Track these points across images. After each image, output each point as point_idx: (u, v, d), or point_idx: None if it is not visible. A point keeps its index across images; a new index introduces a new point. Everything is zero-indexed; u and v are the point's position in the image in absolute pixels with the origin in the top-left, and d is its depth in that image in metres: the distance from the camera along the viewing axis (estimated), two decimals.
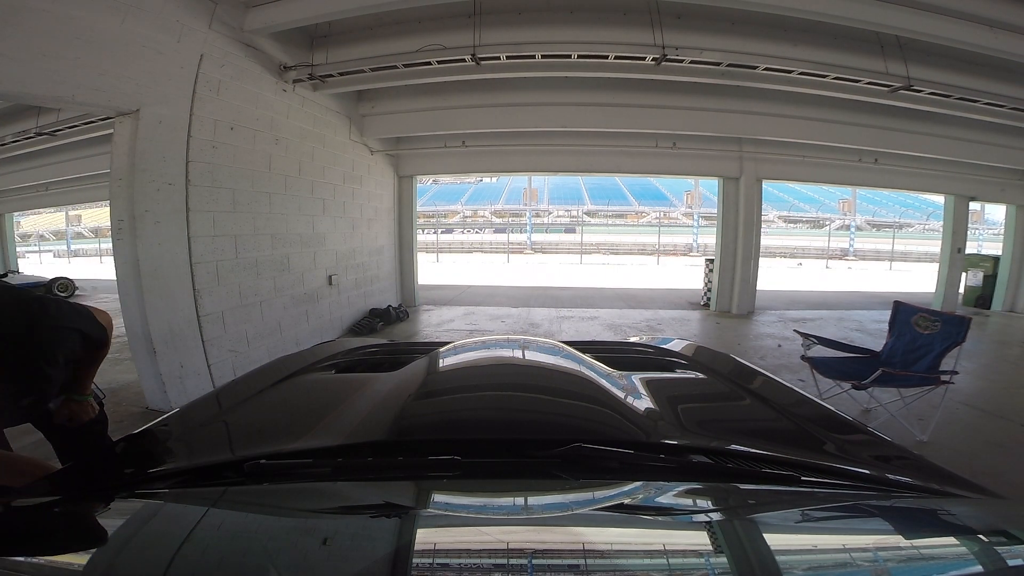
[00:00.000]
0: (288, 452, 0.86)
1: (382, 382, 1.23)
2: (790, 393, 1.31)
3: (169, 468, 0.89)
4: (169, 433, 1.08)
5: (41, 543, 0.64)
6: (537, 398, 1.14)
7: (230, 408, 1.22)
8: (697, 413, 1.20)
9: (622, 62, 4.49)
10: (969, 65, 4.72)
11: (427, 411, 1.10)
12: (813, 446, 0.99)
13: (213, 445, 1.04)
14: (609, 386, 1.16)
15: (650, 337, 2.22)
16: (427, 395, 1.17)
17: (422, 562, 0.57)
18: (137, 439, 1.05)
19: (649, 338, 2.11)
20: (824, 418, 1.15)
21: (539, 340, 1.66)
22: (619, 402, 1.09)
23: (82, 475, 0.94)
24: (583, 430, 0.94)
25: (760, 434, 1.06)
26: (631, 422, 1.00)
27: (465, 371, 1.37)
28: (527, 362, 1.40)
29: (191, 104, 3.69)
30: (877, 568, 0.57)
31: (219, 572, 0.57)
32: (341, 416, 1.04)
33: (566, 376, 1.25)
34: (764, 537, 0.63)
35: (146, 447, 1.03)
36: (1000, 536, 0.67)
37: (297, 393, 1.35)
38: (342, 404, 1.11)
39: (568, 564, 0.57)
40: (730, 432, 1.07)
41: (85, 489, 0.85)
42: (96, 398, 1.54)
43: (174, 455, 1.00)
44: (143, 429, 1.09)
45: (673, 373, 1.56)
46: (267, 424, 1.15)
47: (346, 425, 0.98)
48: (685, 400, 1.27)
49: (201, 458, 0.95)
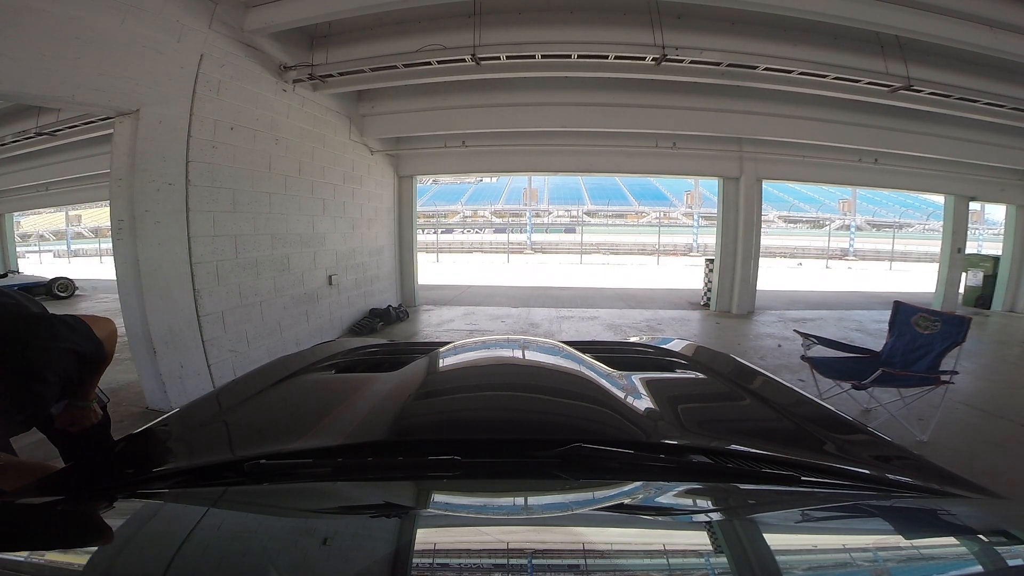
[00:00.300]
0: (288, 452, 0.86)
1: (382, 382, 1.23)
2: (790, 393, 1.31)
3: (169, 468, 0.89)
4: (169, 433, 1.08)
5: (42, 542, 0.64)
6: (537, 398, 1.14)
7: (230, 408, 1.22)
8: (697, 413, 1.20)
9: (622, 62, 4.49)
10: (969, 65, 4.72)
11: (427, 411, 1.10)
12: (813, 446, 0.99)
13: (213, 445, 1.04)
14: (609, 386, 1.16)
15: (650, 337, 2.22)
16: (427, 395, 1.17)
17: (422, 562, 0.57)
18: (137, 439, 1.05)
19: (649, 338, 2.11)
20: (824, 418, 1.15)
21: (539, 340, 1.66)
22: (619, 402, 1.09)
23: (83, 475, 0.94)
24: (583, 430, 0.95)
25: (760, 434, 1.06)
26: (631, 422, 1.00)
27: (465, 371, 1.37)
28: (527, 362, 1.39)
29: (191, 104, 3.69)
30: (877, 568, 0.57)
31: (219, 572, 0.57)
32: (341, 416, 1.04)
33: (566, 376, 1.25)
34: (764, 537, 0.63)
35: (146, 447, 1.03)
36: (1000, 536, 0.67)
37: (297, 393, 1.35)
38: (342, 404, 1.11)
39: (568, 564, 0.57)
40: (730, 432, 1.07)
41: (86, 489, 0.85)
42: (100, 401, 1.53)
43: (174, 455, 1.00)
44: (143, 429, 1.09)
45: (673, 373, 1.56)
46: (267, 424, 1.15)
47: (346, 425, 0.98)
48: (685, 400, 1.26)
49: (201, 458, 0.95)
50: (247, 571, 0.57)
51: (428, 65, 4.59)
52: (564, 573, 0.55)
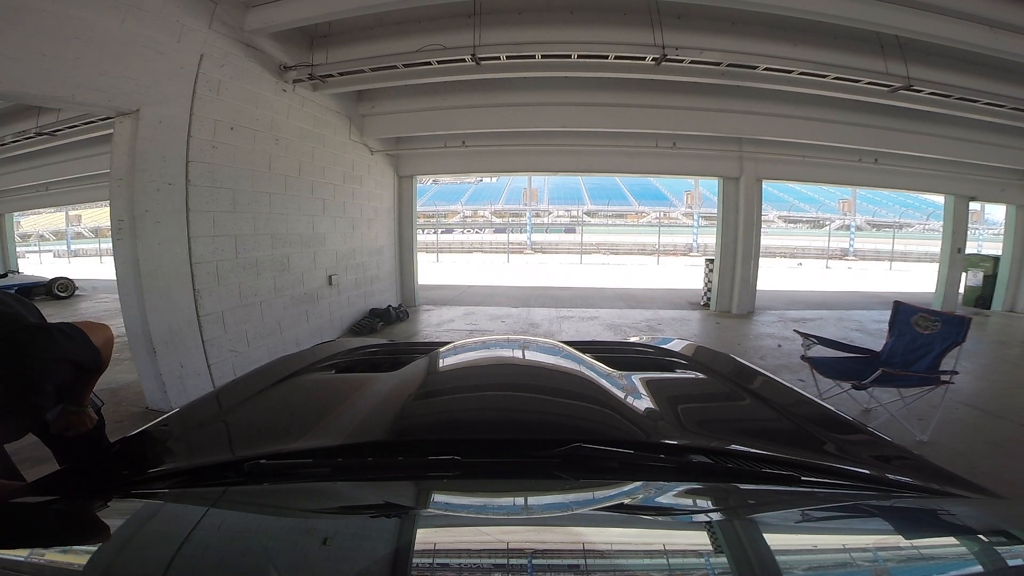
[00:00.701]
0: (288, 452, 0.86)
1: (382, 382, 1.24)
2: (790, 393, 1.31)
3: (169, 468, 0.89)
4: (169, 433, 1.08)
5: (41, 542, 0.63)
6: (537, 398, 1.14)
7: (230, 408, 1.22)
8: (697, 413, 1.20)
9: (622, 62, 4.49)
10: (969, 65, 4.72)
11: (427, 411, 1.10)
12: (813, 446, 0.99)
13: (213, 445, 1.04)
14: (609, 386, 1.16)
15: (650, 337, 2.22)
16: (427, 395, 1.17)
17: (422, 562, 0.57)
18: (135, 440, 1.05)
19: (649, 338, 2.11)
20: (824, 418, 1.15)
21: (539, 340, 1.66)
22: (619, 402, 1.09)
23: (81, 475, 0.94)
24: (583, 430, 0.95)
25: (760, 434, 1.06)
26: (631, 422, 1.00)
27: (465, 371, 1.37)
28: (527, 362, 1.40)
29: (191, 104, 3.69)
30: (877, 568, 0.57)
31: (219, 572, 0.57)
32: (341, 416, 1.04)
33: (566, 376, 1.25)
34: (764, 537, 0.63)
35: (145, 448, 1.03)
36: (1000, 536, 0.67)
37: (297, 393, 1.35)
38: (342, 404, 1.11)
39: (568, 564, 0.57)
40: (730, 432, 1.07)
41: (85, 489, 0.85)
42: (94, 405, 1.53)
43: (174, 455, 1.00)
44: (142, 429, 1.09)
45: (673, 373, 1.57)
46: (267, 424, 1.15)
47: (346, 425, 0.98)
48: (685, 400, 1.27)
49: (201, 458, 0.95)
50: (247, 571, 0.57)
51: (428, 65, 4.59)
52: (564, 573, 0.55)
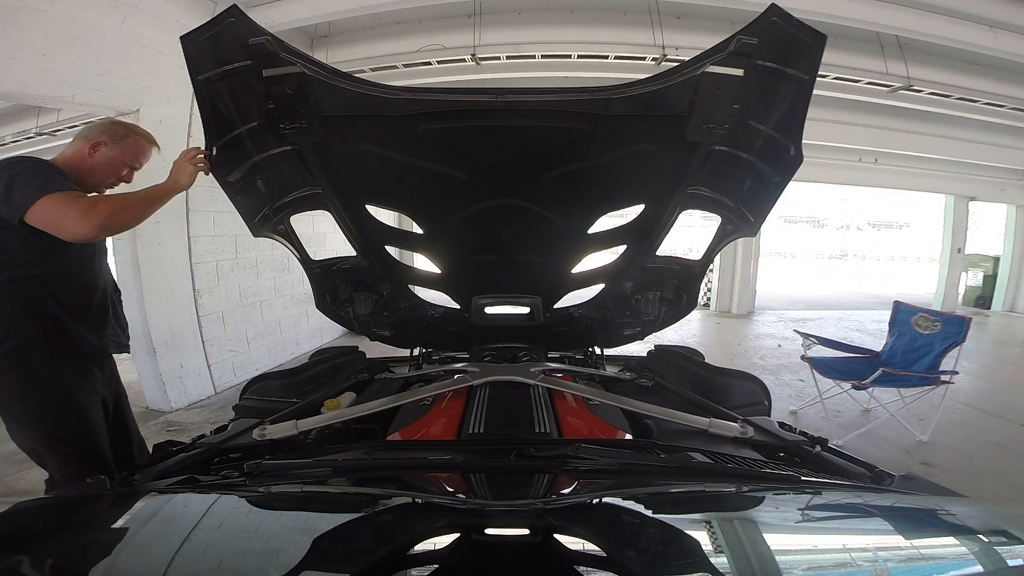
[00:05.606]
0: (288, 452, 0.86)
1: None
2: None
3: (169, 467, 0.89)
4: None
5: (42, 542, 0.64)
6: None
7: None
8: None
9: (622, 62, 4.48)
10: (969, 65, 4.71)
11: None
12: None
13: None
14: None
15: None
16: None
17: (422, 562, 0.57)
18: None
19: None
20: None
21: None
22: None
23: (83, 475, 0.94)
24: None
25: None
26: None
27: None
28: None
29: (191, 104, 3.68)
30: (877, 568, 0.57)
31: (219, 572, 0.57)
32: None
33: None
34: (764, 537, 0.63)
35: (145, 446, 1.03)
36: (1000, 536, 0.67)
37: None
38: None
39: (568, 563, 0.57)
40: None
41: (86, 489, 0.85)
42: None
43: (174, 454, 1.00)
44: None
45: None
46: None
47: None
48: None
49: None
50: (247, 571, 0.57)
51: (428, 65, 4.59)
52: (564, 572, 0.55)
